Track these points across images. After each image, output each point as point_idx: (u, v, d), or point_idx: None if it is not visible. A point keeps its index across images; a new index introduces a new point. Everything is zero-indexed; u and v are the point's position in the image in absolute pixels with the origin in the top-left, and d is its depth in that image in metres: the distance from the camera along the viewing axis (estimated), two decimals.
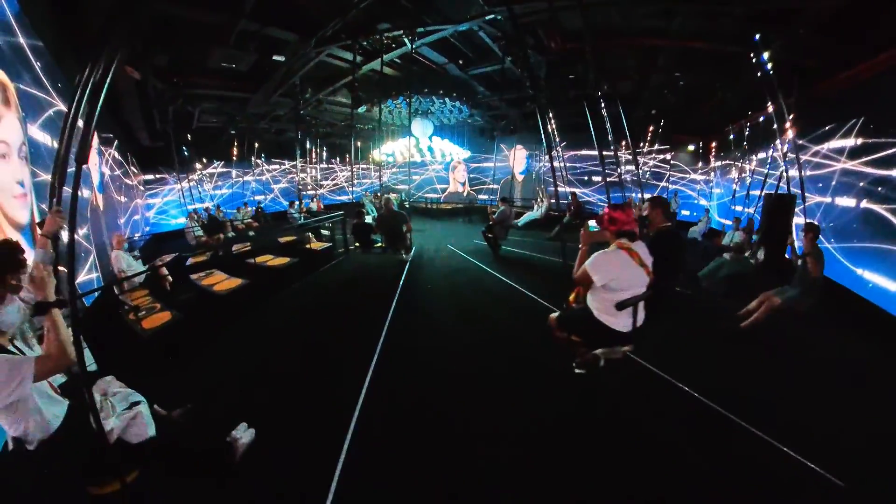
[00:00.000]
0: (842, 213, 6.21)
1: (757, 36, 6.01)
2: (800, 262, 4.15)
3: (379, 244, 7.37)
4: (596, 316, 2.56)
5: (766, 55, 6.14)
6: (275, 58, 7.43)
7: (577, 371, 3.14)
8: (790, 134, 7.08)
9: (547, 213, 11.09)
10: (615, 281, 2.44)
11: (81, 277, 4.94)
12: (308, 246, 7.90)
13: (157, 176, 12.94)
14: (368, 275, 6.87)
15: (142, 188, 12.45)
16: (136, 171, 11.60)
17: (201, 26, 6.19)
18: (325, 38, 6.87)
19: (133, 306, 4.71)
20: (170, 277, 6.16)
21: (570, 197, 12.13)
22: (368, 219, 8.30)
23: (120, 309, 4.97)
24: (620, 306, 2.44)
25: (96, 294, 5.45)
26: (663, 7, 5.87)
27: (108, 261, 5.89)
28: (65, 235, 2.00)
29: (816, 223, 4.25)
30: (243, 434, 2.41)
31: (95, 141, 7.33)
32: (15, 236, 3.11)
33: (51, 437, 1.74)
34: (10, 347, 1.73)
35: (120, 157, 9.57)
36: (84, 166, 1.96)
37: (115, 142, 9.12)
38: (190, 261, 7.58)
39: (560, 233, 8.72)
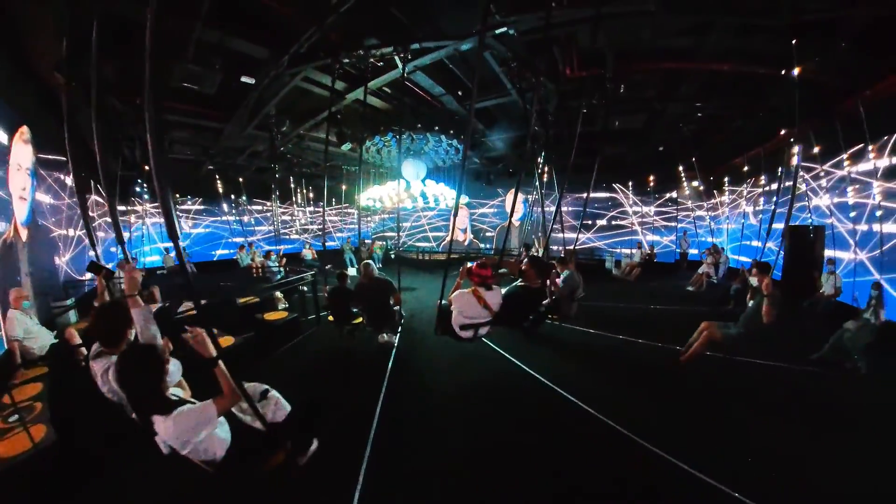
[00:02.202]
0: (886, 239, 5.73)
1: (794, 51, 5.24)
2: (751, 301, 4.13)
3: (359, 319, 5.58)
4: (451, 323, 3.89)
5: (795, 72, 5.36)
6: (244, 79, 6.40)
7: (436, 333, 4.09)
8: (819, 158, 6.58)
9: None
10: (463, 311, 3.84)
11: None
12: (264, 317, 6.02)
13: (129, 208, 11.69)
14: (337, 361, 5.20)
15: (108, 220, 11.09)
16: (101, 200, 10.30)
17: (155, 34, 5.15)
18: (301, 56, 5.88)
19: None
20: (84, 350, 4.47)
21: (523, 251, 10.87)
22: (353, 273, 6.52)
23: None
24: (463, 327, 3.86)
25: None
26: (698, 20, 5.02)
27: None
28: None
29: (767, 263, 4.17)
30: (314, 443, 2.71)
31: (28, 158, 6.06)
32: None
33: (229, 448, 2.12)
34: (172, 396, 2.12)
35: (73, 185, 8.25)
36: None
37: (69, 165, 7.87)
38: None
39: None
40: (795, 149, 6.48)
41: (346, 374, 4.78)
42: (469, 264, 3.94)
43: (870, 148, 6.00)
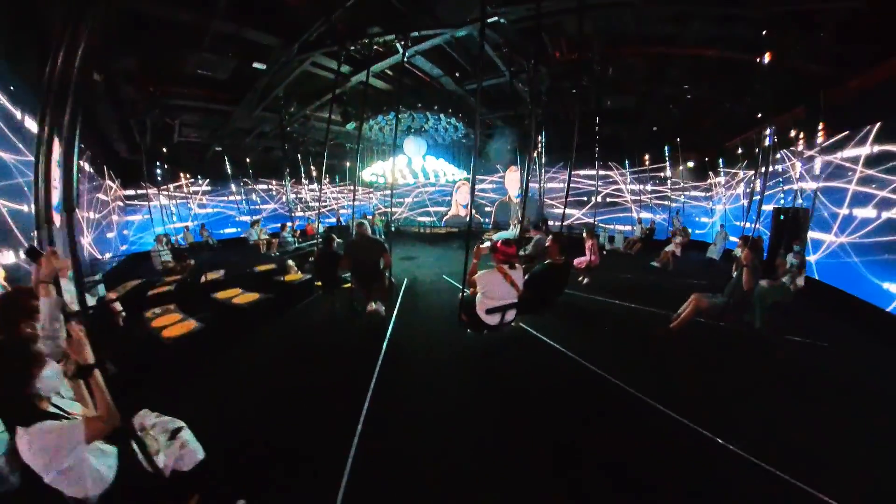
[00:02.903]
0: (861, 224, 5.96)
1: (773, 41, 5.60)
2: (735, 272, 4.34)
3: (348, 284, 5.48)
4: (476, 311, 3.69)
5: (770, 59, 5.73)
6: (255, 65, 6.83)
7: (460, 323, 3.98)
8: (802, 143, 6.83)
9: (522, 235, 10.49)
10: (488, 293, 3.63)
11: None
12: (284, 278, 6.87)
13: (138, 192, 12.19)
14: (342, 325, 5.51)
15: (121, 203, 11.65)
16: (113, 185, 10.86)
17: (171, 26, 5.59)
18: (310, 43, 6.30)
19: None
20: (123, 313, 5.08)
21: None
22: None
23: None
24: (489, 311, 3.64)
25: None
26: (678, 10, 5.41)
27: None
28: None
29: (756, 238, 4.49)
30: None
31: (57, 150, 6.58)
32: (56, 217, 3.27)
33: (108, 489, 1.73)
34: (50, 407, 1.70)
35: (91, 170, 8.83)
36: None
37: (87, 153, 8.41)
38: (151, 292, 6.58)
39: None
40: (767, 132, 6.80)
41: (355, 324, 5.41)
42: (486, 242, 3.91)
43: (852, 136, 6.23)
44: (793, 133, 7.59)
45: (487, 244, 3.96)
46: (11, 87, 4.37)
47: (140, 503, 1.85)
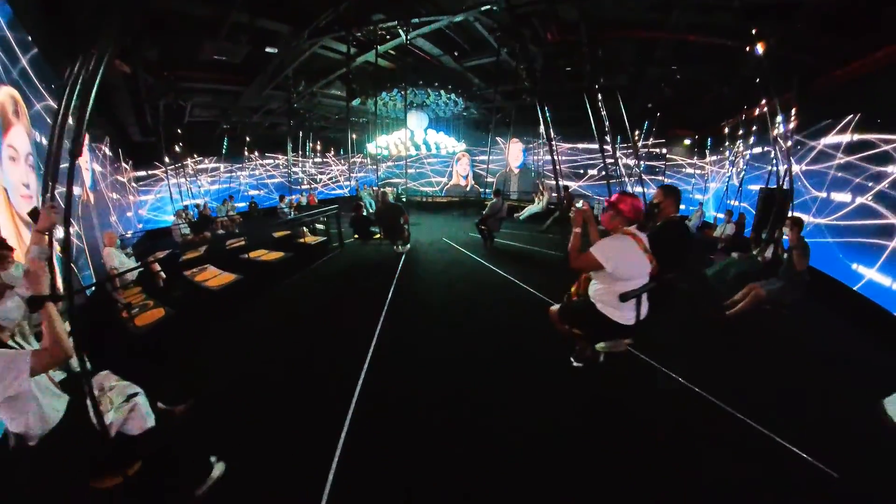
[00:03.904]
0: (837, 208, 6.27)
1: (753, 30, 5.97)
2: (786, 255, 4.23)
3: (377, 235, 7.67)
4: (599, 309, 2.49)
5: (760, 49, 6.11)
6: (267, 50, 7.29)
7: (574, 364, 3.19)
8: (783, 129, 7.11)
9: (547, 207, 11.16)
10: (622, 269, 2.36)
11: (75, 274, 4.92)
12: (302, 240, 7.87)
13: (150, 172, 12.77)
14: (363, 268, 6.91)
15: (134, 185, 12.28)
16: (127, 167, 11.46)
17: (192, 19, 6.06)
18: (318, 30, 6.74)
19: (126, 304, 4.65)
20: (163, 274, 6.15)
21: (563, 191, 12.15)
22: (365, 211, 8.56)
23: (113, 307, 4.91)
24: (624, 297, 2.36)
25: (90, 291, 5.40)
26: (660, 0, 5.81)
27: (101, 259, 5.82)
28: (61, 231, 1.99)
29: (800, 217, 4.36)
30: (217, 464, 2.23)
31: (86, 137, 7.19)
32: (25, 231, 3.50)
33: (51, 431, 1.74)
34: (10, 343, 1.76)
35: (111, 154, 9.43)
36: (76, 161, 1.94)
37: (107, 138, 8.98)
38: (184, 257, 7.49)
39: (551, 225, 8.89)
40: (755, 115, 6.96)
41: (368, 274, 6.56)
42: (580, 205, 2.84)
43: (833, 123, 6.50)
44: (778, 118, 7.90)
45: (582, 205, 2.78)
46: (51, 86, 4.88)
47: (81, 455, 1.82)
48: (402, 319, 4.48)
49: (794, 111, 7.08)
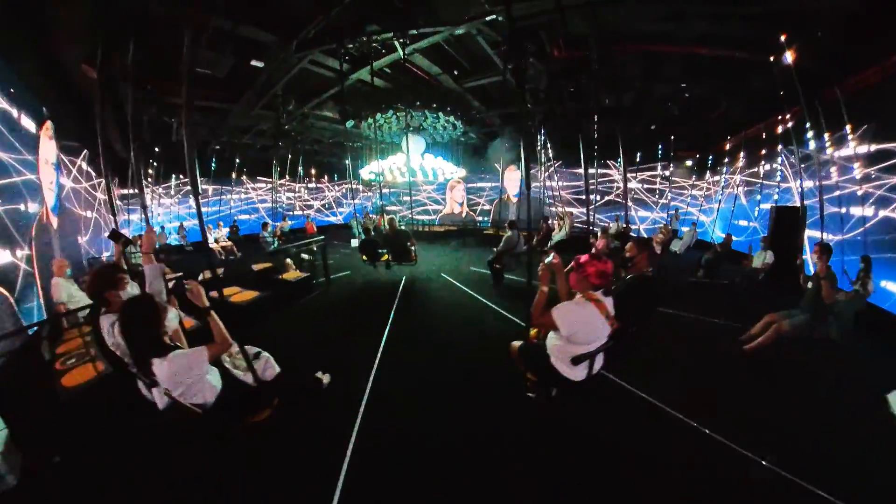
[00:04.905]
0: (857, 223, 5.98)
1: (782, 37, 5.61)
2: (810, 284, 3.97)
3: (385, 257, 7.49)
4: (552, 362, 2.58)
5: (790, 58, 5.72)
6: (253, 63, 6.82)
7: (528, 395, 3.13)
8: (798, 141, 6.81)
9: (571, 233, 10.78)
10: (580, 336, 2.42)
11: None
12: (281, 276, 6.80)
13: (135, 191, 12.13)
14: (349, 309, 6.01)
15: (119, 202, 11.59)
16: (114, 184, 10.82)
17: (169, 23, 5.58)
18: (308, 41, 6.29)
19: (51, 356, 3.85)
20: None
21: (541, 222, 11.69)
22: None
23: (40, 357, 4.10)
24: (576, 361, 2.44)
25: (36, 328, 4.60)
26: (674, 8, 5.42)
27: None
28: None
29: (829, 244, 3.98)
30: (323, 376, 3.38)
31: (53, 152, 6.61)
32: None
33: (218, 395, 2.31)
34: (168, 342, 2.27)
35: (90, 169, 8.80)
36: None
37: (85, 151, 8.38)
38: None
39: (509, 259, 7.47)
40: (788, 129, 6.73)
41: (354, 314, 5.71)
42: (549, 259, 2.60)
43: (848, 132, 6.23)
44: (790, 132, 7.60)
45: (552, 259, 2.60)
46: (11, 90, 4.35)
47: (240, 404, 2.42)
48: (391, 397, 3.42)
49: (814, 123, 6.71)
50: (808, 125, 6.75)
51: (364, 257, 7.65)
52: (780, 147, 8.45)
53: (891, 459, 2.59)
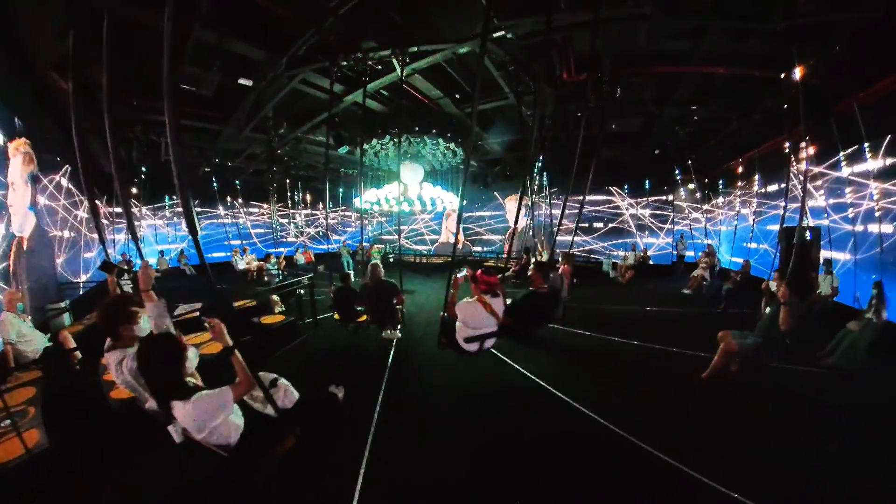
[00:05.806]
0: (875, 242, 5.84)
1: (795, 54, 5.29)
2: (767, 308, 4.03)
3: (363, 318, 5.67)
4: (456, 337, 3.70)
5: (799, 74, 5.38)
6: (241, 81, 6.39)
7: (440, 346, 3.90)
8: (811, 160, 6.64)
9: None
10: (470, 323, 3.60)
11: None
12: (261, 320, 5.91)
13: (115, 210, 11.58)
14: (338, 366, 5.08)
15: (106, 221, 10.96)
16: (99, 202, 10.23)
17: (149, 34, 5.14)
18: (299, 59, 5.88)
19: None
20: (78, 353, 4.42)
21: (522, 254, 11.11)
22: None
23: None
24: (468, 340, 3.63)
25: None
26: (692, 24, 5.06)
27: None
28: None
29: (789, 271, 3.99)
30: (337, 390, 3.27)
31: (27, 171, 6.02)
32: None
33: (242, 433, 2.19)
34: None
35: (72, 186, 8.19)
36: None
37: (66, 167, 7.81)
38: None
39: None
40: (803, 150, 6.56)
41: (344, 375, 4.72)
42: (461, 273, 3.85)
43: (866, 148, 6.04)
44: (802, 150, 7.30)
45: (464, 273, 3.89)
46: None
47: (261, 439, 2.30)
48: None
49: (827, 139, 6.45)
50: (818, 142, 6.61)
51: (336, 315, 5.89)
52: (793, 165, 8.13)
53: None
